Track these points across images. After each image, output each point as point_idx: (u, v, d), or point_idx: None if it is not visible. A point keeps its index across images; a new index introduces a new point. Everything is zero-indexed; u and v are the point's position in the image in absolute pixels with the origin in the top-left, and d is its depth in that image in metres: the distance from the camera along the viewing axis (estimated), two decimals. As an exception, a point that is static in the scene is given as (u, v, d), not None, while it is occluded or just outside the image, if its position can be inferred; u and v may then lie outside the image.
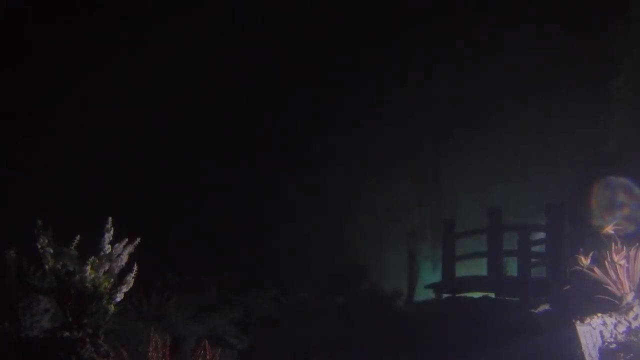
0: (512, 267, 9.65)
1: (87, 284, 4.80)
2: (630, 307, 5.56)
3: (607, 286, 5.69)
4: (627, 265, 5.67)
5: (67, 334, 4.80)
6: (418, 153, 14.96)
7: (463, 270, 10.00)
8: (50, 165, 11.50)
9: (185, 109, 13.15)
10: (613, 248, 5.72)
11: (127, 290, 5.00)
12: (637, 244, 5.71)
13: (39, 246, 4.85)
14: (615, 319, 5.52)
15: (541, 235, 9.19)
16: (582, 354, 5.29)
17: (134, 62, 12.47)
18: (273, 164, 13.61)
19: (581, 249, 6.07)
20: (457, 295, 9.46)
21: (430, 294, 10.66)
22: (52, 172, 11.38)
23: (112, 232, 4.99)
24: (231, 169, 13.32)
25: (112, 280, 4.96)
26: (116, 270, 4.99)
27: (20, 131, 11.40)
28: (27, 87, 11.42)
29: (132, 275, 4.98)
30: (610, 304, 5.65)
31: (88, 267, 4.78)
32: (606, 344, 5.34)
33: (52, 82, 11.68)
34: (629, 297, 5.62)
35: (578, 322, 5.48)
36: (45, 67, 11.78)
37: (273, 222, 13.40)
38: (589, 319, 5.51)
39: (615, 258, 5.68)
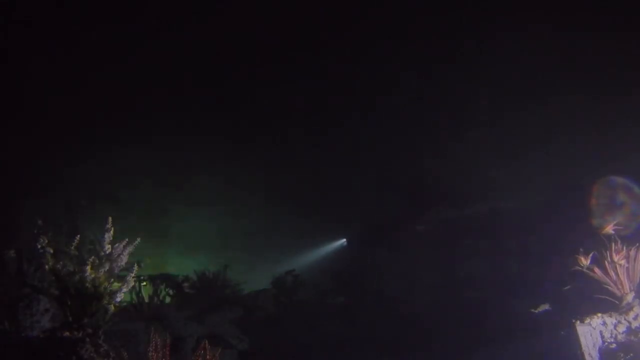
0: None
1: (87, 284, 4.79)
2: (630, 307, 5.55)
3: (607, 286, 5.68)
4: (627, 265, 5.66)
5: (67, 334, 4.79)
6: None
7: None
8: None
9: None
10: (613, 248, 5.71)
11: (127, 290, 4.99)
12: (637, 244, 5.70)
13: (39, 246, 4.84)
14: (615, 319, 5.50)
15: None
16: (582, 354, 5.29)
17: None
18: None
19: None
20: (453, 295, 9.46)
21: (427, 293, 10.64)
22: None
23: (112, 232, 4.98)
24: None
25: (112, 280, 4.95)
26: (116, 270, 4.99)
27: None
28: None
29: (132, 275, 4.98)
30: (610, 304, 5.64)
31: (88, 267, 4.77)
32: (606, 343, 5.34)
33: None
34: (629, 297, 5.60)
35: (578, 322, 5.48)
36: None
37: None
38: (589, 319, 5.50)
39: (615, 258, 5.66)
